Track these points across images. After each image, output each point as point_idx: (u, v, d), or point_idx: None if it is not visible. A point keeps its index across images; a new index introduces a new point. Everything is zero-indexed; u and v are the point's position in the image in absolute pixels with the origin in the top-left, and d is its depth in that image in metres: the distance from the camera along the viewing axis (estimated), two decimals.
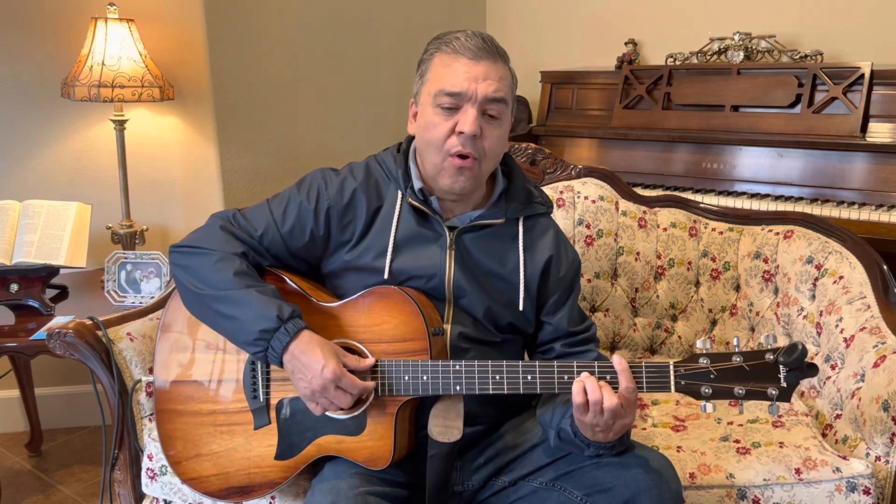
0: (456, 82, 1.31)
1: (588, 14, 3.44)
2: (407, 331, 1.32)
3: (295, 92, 3.00)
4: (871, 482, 1.44)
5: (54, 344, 1.57)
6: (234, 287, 1.31)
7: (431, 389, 1.29)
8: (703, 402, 1.19)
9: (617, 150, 3.00)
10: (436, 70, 1.35)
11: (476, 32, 1.35)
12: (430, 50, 1.38)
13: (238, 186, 2.84)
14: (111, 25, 2.36)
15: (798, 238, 1.92)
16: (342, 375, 1.26)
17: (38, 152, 2.62)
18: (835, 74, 2.60)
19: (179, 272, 1.38)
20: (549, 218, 1.51)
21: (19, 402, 2.68)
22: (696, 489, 1.46)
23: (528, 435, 1.41)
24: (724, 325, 2.04)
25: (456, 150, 1.32)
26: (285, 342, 1.28)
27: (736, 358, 1.17)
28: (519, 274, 1.42)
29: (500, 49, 1.37)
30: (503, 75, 1.35)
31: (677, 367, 1.20)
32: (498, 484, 1.40)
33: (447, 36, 1.37)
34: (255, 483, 1.40)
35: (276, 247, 1.41)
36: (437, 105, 1.33)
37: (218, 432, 1.42)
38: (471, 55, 1.32)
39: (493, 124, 1.34)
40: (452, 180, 1.35)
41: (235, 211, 1.44)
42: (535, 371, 1.27)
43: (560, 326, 1.45)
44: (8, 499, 2.36)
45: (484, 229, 1.43)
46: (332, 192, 1.40)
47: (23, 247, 2.20)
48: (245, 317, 1.29)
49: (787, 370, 1.16)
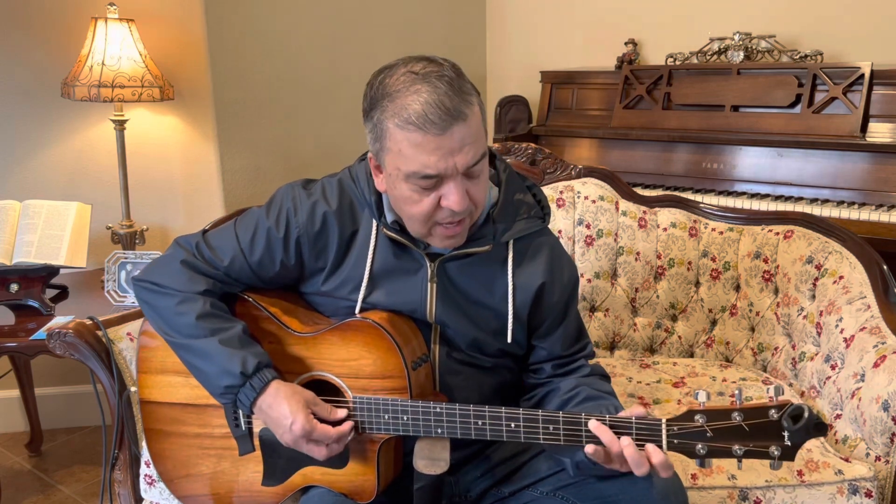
0: (431, 164, 1.14)
1: (588, 14, 3.43)
2: (385, 368, 1.24)
3: (295, 92, 3.00)
4: (874, 485, 1.44)
5: (54, 344, 1.57)
6: (197, 335, 1.25)
7: (412, 430, 1.23)
8: (698, 460, 1.09)
9: (617, 150, 2.99)
10: (399, 146, 1.15)
11: (430, 81, 1.13)
12: (381, 109, 1.17)
13: (238, 186, 2.83)
14: (111, 25, 2.36)
15: (798, 238, 1.92)
16: (312, 429, 1.20)
17: (38, 152, 2.62)
18: (835, 74, 2.60)
19: (146, 309, 1.33)
20: (543, 234, 1.35)
21: (19, 402, 2.68)
22: (697, 490, 1.46)
23: (528, 444, 1.37)
24: (724, 325, 2.04)
25: (447, 221, 1.20)
26: (252, 397, 1.23)
27: (736, 416, 1.06)
28: (508, 302, 1.30)
29: (463, 90, 1.15)
30: (476, 126, 1.16)
31: (670, 424, 1.09)
32: (498, 494, 1.36)
33: (399, 95, 1.14)
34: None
35: (245, 276, 1.33)
36: (412, 183, 1.17)
37: (206, 455, 1.39)
38: (438, 130, 1.11)
39: (476, 179, 1.19)
40: (445, 244, 1.25)
41: (199, 238, 1.34)
42: (518, 419, 1.17)
43: (553, 350, 1.36)
44: (8, 499, 2.36)
45: (469, 256, 1.30)
46: (301, 218, 1.29)
47: (23, 247, 2.20)
48: (209, 370, 1.24)
49: (792, 430, 1.06)
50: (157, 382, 1.41)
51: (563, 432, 1.15)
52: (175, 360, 1.36)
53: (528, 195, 1.35)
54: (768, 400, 1.07)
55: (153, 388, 1.42)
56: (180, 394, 1.39)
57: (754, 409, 1.07)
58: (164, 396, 1.41)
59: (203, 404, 1.37)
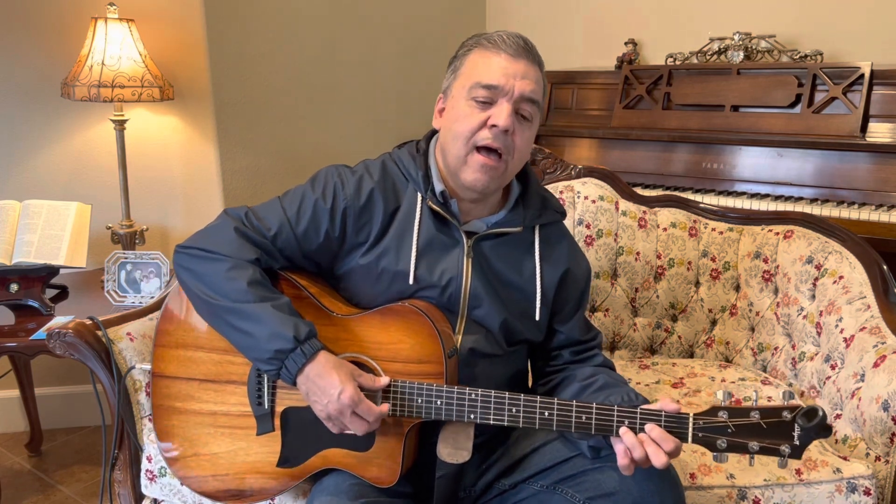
0: (493, 76, 1.29)
1: (588, 14, 3.44)
2: (423, 353, 1.28)
3: (295, 92, 3.00)
4: (872, 483, 1.44)
5: (54, 344, 1.57)
6: (249, 300, 1.26)
7: (445, 415, 1.26)
8: (716, 453, 1.18)
9: (617, 150, 2.99)
10: (472, 64, 1.32)
11: (518, 34, 1.33)
12: (468, 45, 1.35)
13: (238, 186, 2.84)
14: (111, 25, 2.36)
15: (798, 238, 1.92)
16: (360, 401, 1.22)
17: (38, 152, 2.62)
18: (835, 74, 2.60)
19: (188, 276, 1.32)
20: (562, 226, 1.49)
21: (19, 402, 2.68)
22: (696, 489, 1.46)
23: (530, 439, 1.40)
24: (724, 325, 2.04)
25: (485, 142, 1.29)
26: (301, 364, 1.24)
27: (754, 414, 1.16)
28: (535, 283, 1.40)
29: (539, 56, 1.35)
30: (539, 78, 1.33)
31: (696, 419, 1.18)
32: (500, 487, 1.39)
33: (487, 34, 1.35)
34: (254, 488, 1.38)
35: (290, 248, 1.36)
36: (471, 98, 1.30)
37: (218, 433, 1.39)
38: (511, 52, 1.30)
39: (524, 125, 1.32)
40: (475, 177, 1.31)
41: (247, 209, 1.38)
42: (552, 408, 1.23)
43: (571, 335, 1.44)
44: (8, 499, 2.36)
45: (501, 237, 1.40)
46: (349, 191, 1.35)
47: (23, 247, 2.20)
48: (260, 334, 1.24)
49: (802, 430, 1.15)
50: (176, 357, 1.41)
51: (595, 421, 1.22)
52: (198, 336, 1.38)
53: (547, 195, 1.49)
54: (781, 403, 1.17)
55: (170, 363, 1.42)
56: (200, 370, 1.40)
57: (771, 409, 1.17)
58: (182, 372, 1.41)
59: (224, 380, 1.38)
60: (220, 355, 1.39)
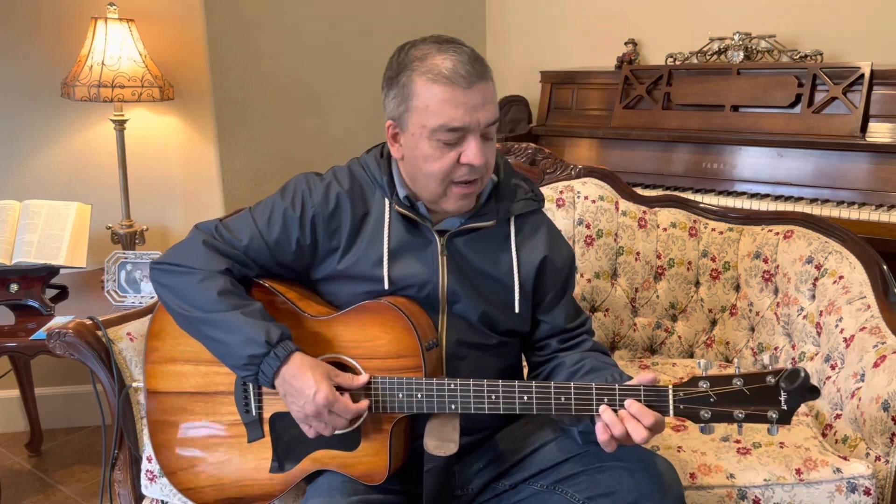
0: (458, 118, 1.24)
1: (588, 14, 3.43)
2: (400, 347, 1.29)
3: (295, 92, 3.00)
4: (872, 482, 1.44)
5: (54, 344, 1.57)
6: (220, 309, 1.27)
7: (426, 408, 1.27)
8: (702, 425, 1.17)
9: (617, 150, 2.99)
10: (428, 101, 1.25)
11: (455, 48, 1.27)
12: (411, 70, 1.27)
13: (238, 186, 2.84)
14: (111, 25, 2.36)
15: (798, 238, 1.92)
16: (335, 400, 1.23)
17: (38, 152, 2.62)
18: (835, 74, 2.60)
19: (163, 291, 1.34)
20: (540, 214, 1.46)
21: (19, 402, 2.68)
22: (696, 489, 1.46)
23: (529, 438, 1.40)
24: (724, 325, 2.04)
25: (463, 179, 1.29)
26: (275, 367, 1.25)
27: (736, 381, 1.15)
28: (513, 275, 1.39)
29: (486, 64, 1.30)
30: (493, 93, 1.29)
31: (676, 390, 1.17)
32: (499, 487, 1.39)
33: (428, 57, 1.26)
34: (250, 495, 1.38)
35: (263, 257, 1.36)
36: (435, 139, 1.26)
37: (213, 444, 1.40)
38: (465, 83, 1.24)
39: (489, 142, 1.31)
40: (459, 204, 1.33)
41: (217, 222, 1.39)
42: (531, 392, 1.23)
43: (556, 324, 1.43)
44: (8, 499, 2.36)
45: (475, 231, 1.39)
46: (316, 198, 1.36)
47: (23, 247, 2.20)
48: (233, 341, 1.26)
49: (788, 394, 1.14)
50: (166, 372, 1.42)
51: (574, 402, 1.21)
52: (185, 349, 1.38)
53: (522, 181, 1.46)
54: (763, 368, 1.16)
55: (161, 379, 1.43)
56: (189, 382, 1.41)
57: (753, 375, 1.15)
58: (172, 386, 1.42)
59: (212, 392, 1.39)
60: (207, 367, 1.39)
